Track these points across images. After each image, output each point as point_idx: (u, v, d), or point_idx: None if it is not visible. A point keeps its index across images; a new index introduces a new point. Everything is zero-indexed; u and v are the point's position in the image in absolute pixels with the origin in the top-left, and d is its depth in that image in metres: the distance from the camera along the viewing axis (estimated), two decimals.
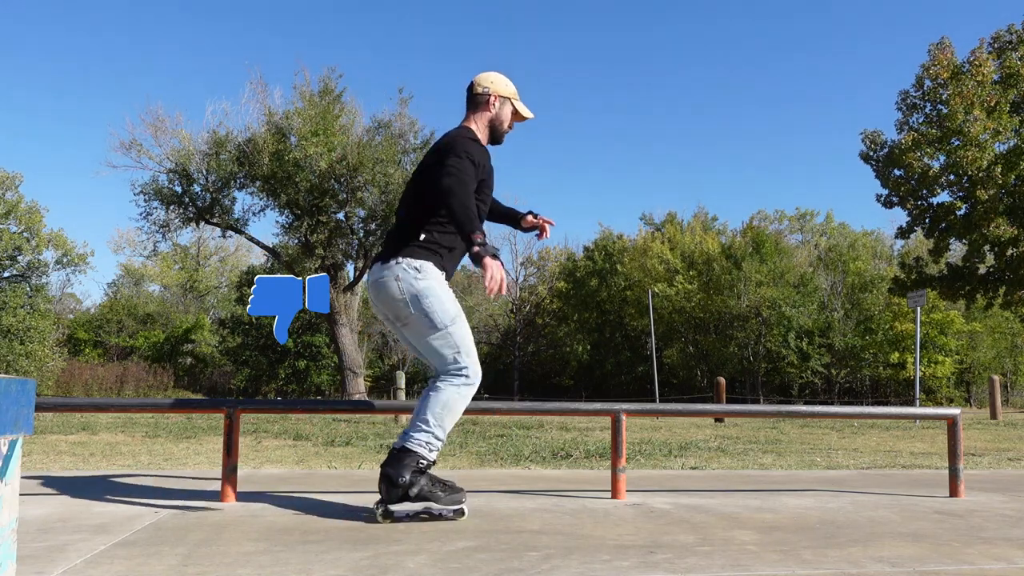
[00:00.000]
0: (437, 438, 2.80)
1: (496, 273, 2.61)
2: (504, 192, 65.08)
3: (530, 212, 3.36)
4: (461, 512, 2.84)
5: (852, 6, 64.35)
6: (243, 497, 3.27)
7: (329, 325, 18.88)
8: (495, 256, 2.65)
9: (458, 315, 2.90)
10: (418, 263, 2.87)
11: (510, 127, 3.16)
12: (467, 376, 2.86)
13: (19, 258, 31.74)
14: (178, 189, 17.48)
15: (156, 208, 17.50)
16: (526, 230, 3.37)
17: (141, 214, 17.52)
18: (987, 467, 5.55)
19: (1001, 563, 2.27)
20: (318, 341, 34.27)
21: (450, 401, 2.82)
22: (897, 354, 31.47)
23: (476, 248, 2.65)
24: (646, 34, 66.83)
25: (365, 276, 3.09)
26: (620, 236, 42.31)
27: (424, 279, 2.85)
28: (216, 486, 3.55)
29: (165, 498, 3.24)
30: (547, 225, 3.33)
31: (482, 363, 2.99)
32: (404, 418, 10.56)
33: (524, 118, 3.18)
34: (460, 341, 2.87)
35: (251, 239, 18.55)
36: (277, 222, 18.30)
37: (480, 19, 66.81)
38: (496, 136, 3.13)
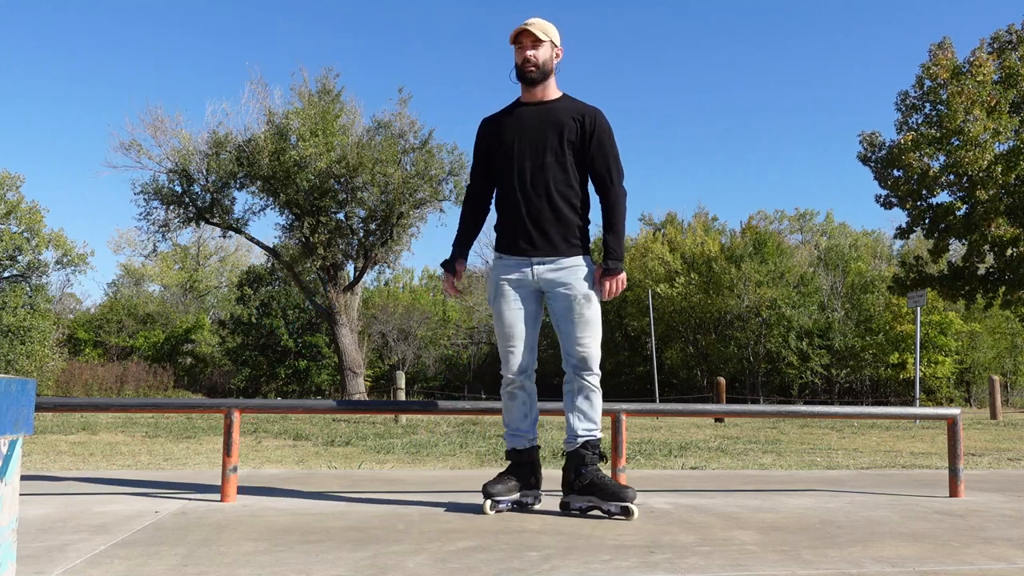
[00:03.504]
0: (506, 435, 3.13)
1: (444, 284, 3.21)
2: None
3: (603, 266, 3.06)
4: (483, 507, 2.96)
5: (852, 6, 64.38)
6: (243, 497, 3.27)
7: (329, 325, 18.88)
8: (443, 267, 3.20)
9: (497, 314, 3.08)
10: (495, 254, 3.15)
11: (519, 61, 3.05)
12: (503, 375, 3.12)
13: (19, 258, 31.71)
14: (178, 189, 17.49)
15: (156, 208, 17.52)
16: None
17: (141, 214, 17.54)
18: (987, 467, 5.54)
19: (1001, 563, 2.27)
20: (318, 341, 34.26)
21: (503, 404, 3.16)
22: (897, 354, 31.45)
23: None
24: (645, 34, 66.84)
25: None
26: None
27: (491, 270, 3.16)
28: (216, 486, 3.55)
29: (165, 498, 3.24)
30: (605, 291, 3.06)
31: (482, 363, 3.07)
32: (404, 418, 10.55)
33: (513, 41, 3.07)
34: (497, 338, 3.13)
35: (251, 239, 18.56)
36: (277, 224, 18.31)
37: (480, 18, 66.81)
38: (520, 79, 3.09)
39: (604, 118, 3.07)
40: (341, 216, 17.64)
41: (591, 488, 2.91)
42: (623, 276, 3.03)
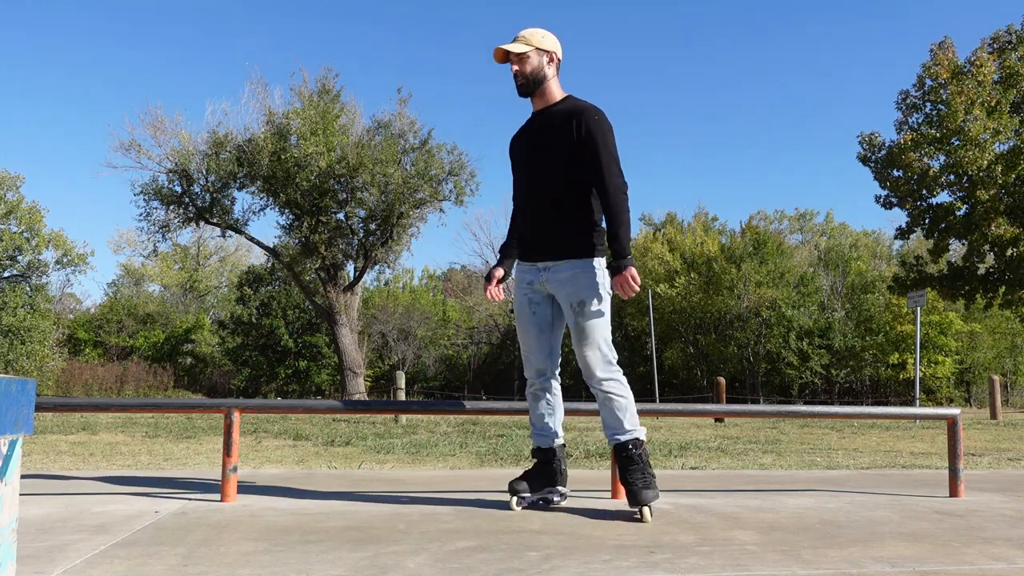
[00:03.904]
0: (532, 433, 3.24)
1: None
2: (500, 192, 65.14)
3: (610, 267, 3.06)
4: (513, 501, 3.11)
5: (852, 6, 64.38)
6: (243, 497, 3.27)
7: (329, 325, 18.88)
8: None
9: (516, 319, 3.23)
10: (517, 261, 3.33)
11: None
12: (526, 377, 3.25)
13: (19, 258, 31.71)
14: (178, 189, 17.49)
15: (156, 208, 17.52)
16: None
17: (141, 214, 17.54)
18: (987, 467, 5.54)
19: (1001, 563, 2.27)
20: (318, 341, 34.24)
21: None
22: (897, 354, 31.45)
23: None
24: (645, 33, 66.87)
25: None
26: None
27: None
28: (216, 486, 3.55)
29: (165, 498, 3.24)
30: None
31: (482, 363, 3.10)
32: (404, 418, 10.54)
33: (500, 62, 3.15)
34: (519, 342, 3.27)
35: (251, 239, 18.56)
36: (277, 222, 18.33)
37: (482, 17, 66.83)
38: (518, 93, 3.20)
39: (595, 116, 3.00)
40: (341, 216, 17.64)
41: (626, 488, 2.95)
42: (631, 272, 2.91)
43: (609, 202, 2.97)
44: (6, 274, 31.48)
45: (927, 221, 20.69)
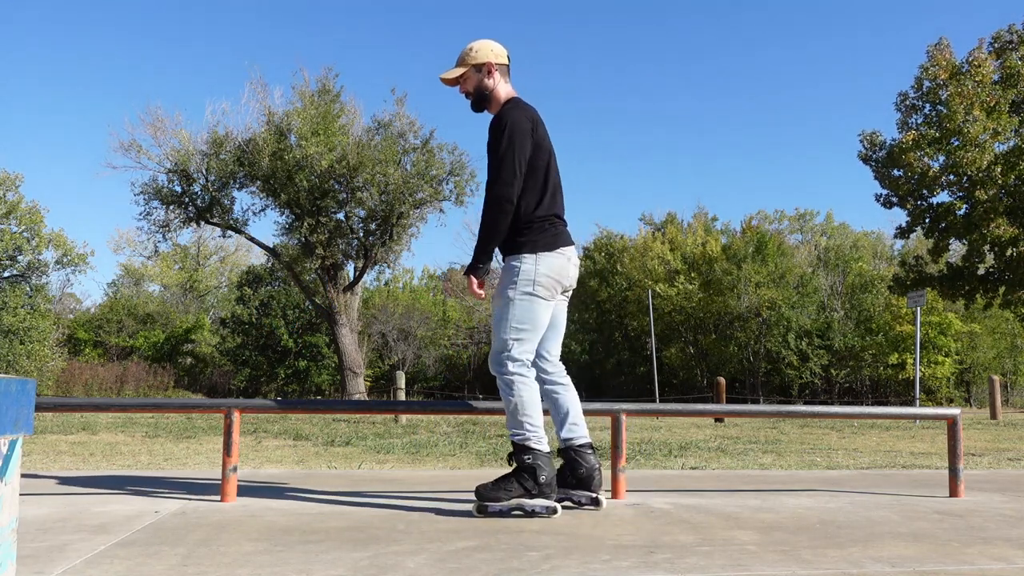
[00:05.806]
0: None
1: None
2: None
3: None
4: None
5: (851, 6, 64.38)
6: (243, 497, 3.27)
7: (329, 325, 18.89)
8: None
9: None
10: None
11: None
12: None
13: (19, 258, 31.69)
14: (178, 189, 17.49)
15: (156, 208, 17.52)
16: None
17: (141, 214, 17.54)
18: (987, 467, 5.54)
19: (1001, 563, 2.27)
20: (318, 341, 34.23)
21: None
22: (897, 354, 31.44)
23: None
24: (646, 34, 66.87)
25: (574, 253, 3.14)
26: (621, 236, 42.27)
27: None
28: (216, 486, 3.56)
29: (165, 498, 3.24)
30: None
31: (482, 363, 3.08)
32: (404, 418, 10.54)
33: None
34: None
35: (251, 239, 18.55)
36: (277, 222, 18.33)
37: (480, 18, 66.82)
38: None
39: (496, 119, 3.08)
40: (341, 216, 17.64)
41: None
42: (469, 280, 3.03)
43: (483, 211, 3.05)
44: (6, 274, 31.47)
45: (927, 221, 20.69)
